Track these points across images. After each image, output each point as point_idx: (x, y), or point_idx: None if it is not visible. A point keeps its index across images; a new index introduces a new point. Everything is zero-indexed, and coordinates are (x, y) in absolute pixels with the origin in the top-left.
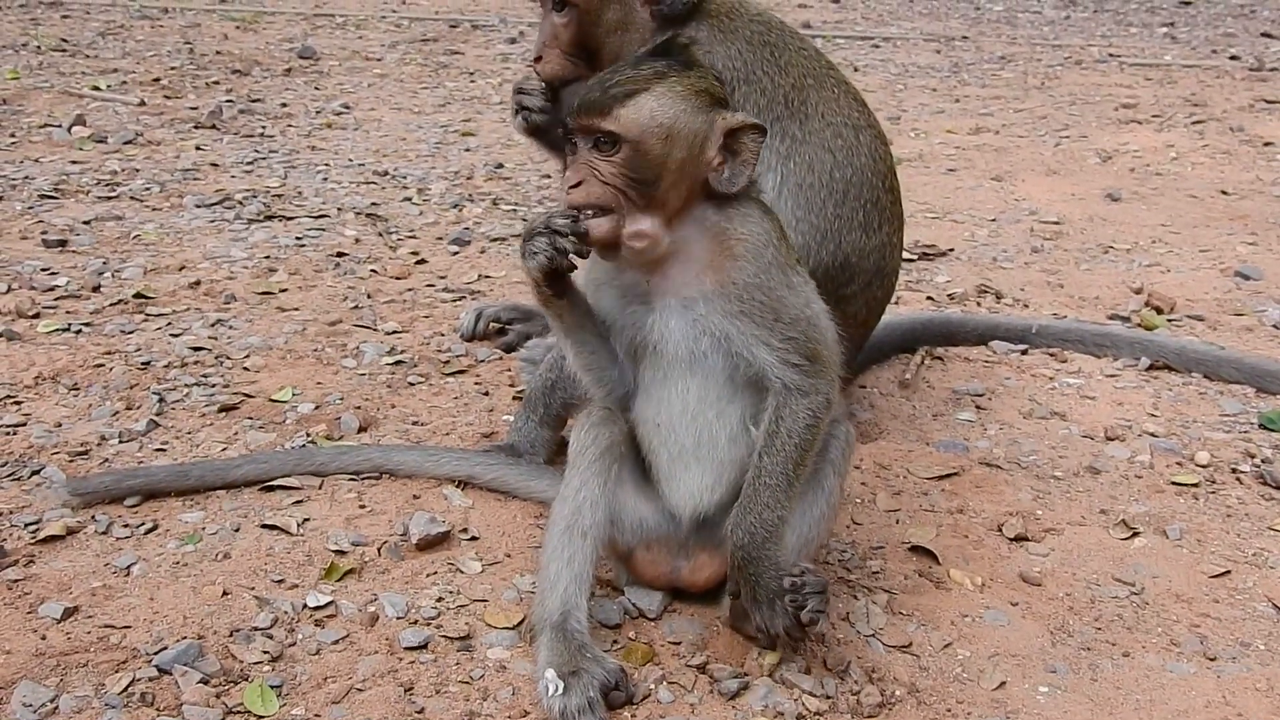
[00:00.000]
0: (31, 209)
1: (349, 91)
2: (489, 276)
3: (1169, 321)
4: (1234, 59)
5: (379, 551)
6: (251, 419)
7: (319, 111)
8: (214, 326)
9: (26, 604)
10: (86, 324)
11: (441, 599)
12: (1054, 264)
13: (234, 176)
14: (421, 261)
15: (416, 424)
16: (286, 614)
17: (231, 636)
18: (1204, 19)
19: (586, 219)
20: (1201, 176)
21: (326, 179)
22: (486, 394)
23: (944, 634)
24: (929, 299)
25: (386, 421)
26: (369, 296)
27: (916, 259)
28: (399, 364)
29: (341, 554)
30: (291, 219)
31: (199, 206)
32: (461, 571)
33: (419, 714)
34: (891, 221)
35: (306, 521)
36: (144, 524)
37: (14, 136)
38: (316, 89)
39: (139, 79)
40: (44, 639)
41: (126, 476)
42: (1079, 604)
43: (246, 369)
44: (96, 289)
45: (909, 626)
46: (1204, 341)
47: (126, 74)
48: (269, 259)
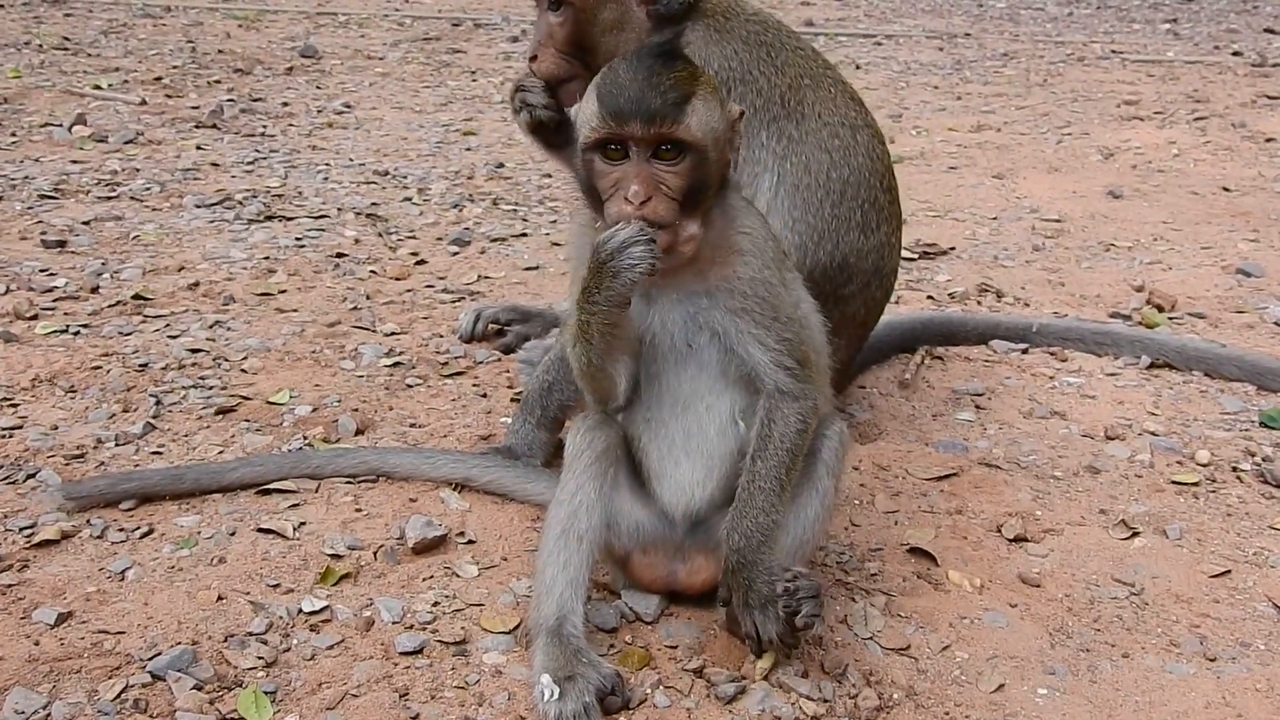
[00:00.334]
0: (31, 209)
1: (350, 90)
2: (489, 277)
3: (1170, 319)
4: (1236, 55)
5: (375, 555)
6: (248, 421)
7: (320, 111)
8: (212, 328)
9: (20, 609)
10: (84, 326)
11: (437, 603)
12: (1055, 262)
13: (234, 176)
14: (421, 262)
15: (414, 426)
16: (281, 619)
17: (226, 642)
18: (1206, 15)
19: (651, 233)
20: (1203, 173)
21: (327, 179)
22: (484, 396)
23: (942, 636)
24: (929, 298)
25: (384, 424)
26: (368, 297)
27: (917, 258)
28: (397, 366)
29: (337, 558)
30: (291, 219)
31: (199, 207)
32: (458, 575)
33: None
34: (890, 221)
35: (302, 525)
36: (139, 528)
37: (14, 136)
38: (318, 88)
39: (140, 78)
40: (37, 645)
41: (122, 480)
42: (1078, 605)
43: (244, 371)
44: (95, 290)
45: (907, 629)
46: (1205, 339)
47: (128, 73)
48: (268, 260)
